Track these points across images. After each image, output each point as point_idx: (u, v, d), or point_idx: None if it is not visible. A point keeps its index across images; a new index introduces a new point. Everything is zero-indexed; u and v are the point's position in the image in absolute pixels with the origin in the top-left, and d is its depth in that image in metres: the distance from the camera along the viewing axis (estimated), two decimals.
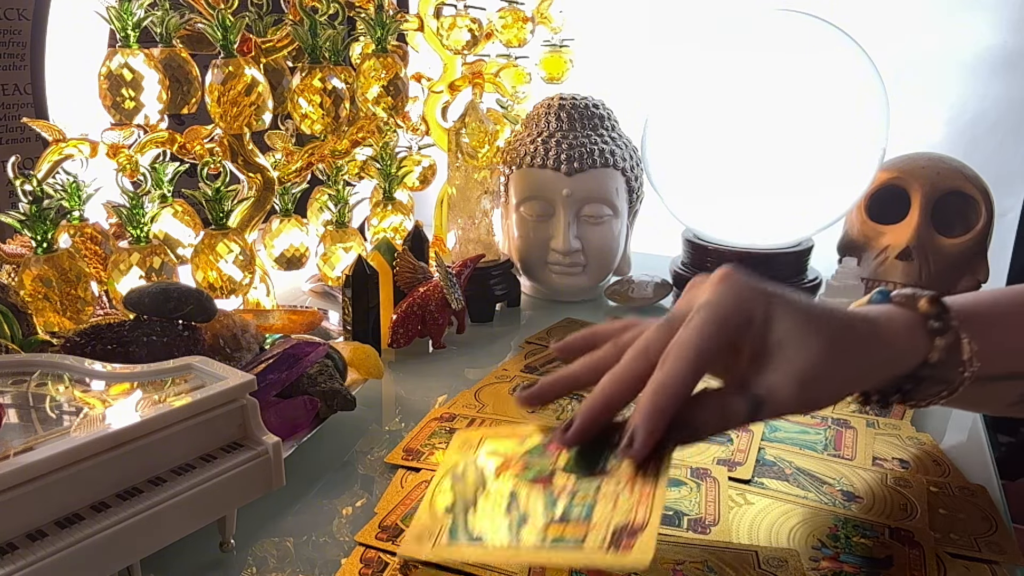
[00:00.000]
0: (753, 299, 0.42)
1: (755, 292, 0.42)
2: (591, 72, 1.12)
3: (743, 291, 0.42)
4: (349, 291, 0.73)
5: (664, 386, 0.39)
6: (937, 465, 0.56)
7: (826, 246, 0.93)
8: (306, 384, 0.59)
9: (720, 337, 0.40)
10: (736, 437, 0.59)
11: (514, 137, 0.92)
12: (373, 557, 0.45)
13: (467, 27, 0.93)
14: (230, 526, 0.45)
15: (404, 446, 0.57)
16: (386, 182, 0.95)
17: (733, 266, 0.43)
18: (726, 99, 0.82)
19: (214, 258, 0.71)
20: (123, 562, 0.38)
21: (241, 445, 0.44)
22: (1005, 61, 1.11)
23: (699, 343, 0.40)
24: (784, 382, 0.40)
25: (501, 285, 0.89)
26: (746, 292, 0.42)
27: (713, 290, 0.42)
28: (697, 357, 0.40)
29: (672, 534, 0.47)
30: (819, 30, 0.82)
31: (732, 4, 1.13)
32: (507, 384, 0.68)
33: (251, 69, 0.70)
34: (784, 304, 0.42)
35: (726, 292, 0.42)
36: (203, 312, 0.59)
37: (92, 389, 0.45)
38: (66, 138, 0.68)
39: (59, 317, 0.62)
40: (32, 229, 0.61)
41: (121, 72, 0.68)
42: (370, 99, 0.80)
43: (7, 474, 0.34)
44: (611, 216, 0.89)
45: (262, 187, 0.77)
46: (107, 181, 0.69)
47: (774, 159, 0.81)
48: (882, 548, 0.46)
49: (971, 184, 0.86)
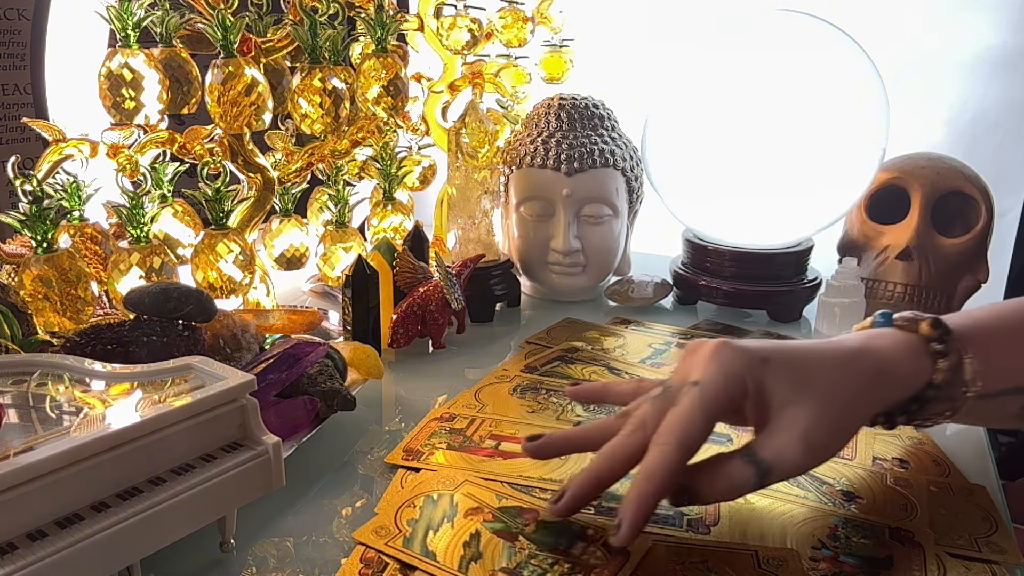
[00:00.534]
0: (743, 372, 0.43)
1: (746, 363, 0.43)
2: (591, 72, 1.12)
3: (733, 366, 0.43)
4: (349, 291, 0.73)
5: (651, 474, 0.41)
6: (937, 465, 0.56)
7: (826, 246, 0.93)
8: (306, 384, 0.59)
9: (711, 416, 0.42)
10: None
11: (514, 137, 0.92)
12: (373, 557, 0.45)
13: (467, 27, 0.93)
14: (230, 526, 0.45)
15: (404, 446, 0.57)
16: (386, 182, 0.95)
17: (725, 340, 0.44)
18: (726, 99, 0.82)
19: (214, 258, 0.71)
20: (123, 562, 0.38)
21: (241, 445, 0.44)
22: (1005, 61, 1.11)
23: (689, 426, 0.41)
24: (789, 443, 0.41)
25: (501, 285, 0.89)
26: (736, 366, 0.43)
27: (703, 368, 0.43)
28: (682, 443, 0.41)
29: (672, 534, 0.47)
30: (819, 30, 0.82)
31: (732, 4, 1.13)
32: (507, 384, 0.68)
33: (251, 69, 0.70)
34: (777, 368, 0.43)
35: (716, 371, 0.43)
36: (203, 312, 0.59)
37: (92, 389, 0.45)
38: (66, 138, 0.68)
39: (59, 317, 0.62)
40: (32, 229, 0.61)
41: (121, 72, 0.68)
42: (370, 99, 0.80)
43: (7, 474, 0.34)
44: (611, 216, 0.89)
45: (262, 187, 0.77)
46: (107, 181, 0.69)
47: (774, 159, 0.81)
48: (882, 548, 0.46)
49: (971, 184, 0.86)
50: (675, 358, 0.74)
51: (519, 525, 0.47)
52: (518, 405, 0.64)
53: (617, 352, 0.76)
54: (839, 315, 0.82)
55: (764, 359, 0.43)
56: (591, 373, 0.71)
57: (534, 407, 0.64)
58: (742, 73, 0.82)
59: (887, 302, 0.86)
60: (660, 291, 0.91)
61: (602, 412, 0.63)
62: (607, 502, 0.50)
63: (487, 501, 0.50)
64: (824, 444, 0.43)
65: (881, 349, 0.46)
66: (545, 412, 0.63)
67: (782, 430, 0.42)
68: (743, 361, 0.43)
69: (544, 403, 0.65)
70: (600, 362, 0.73)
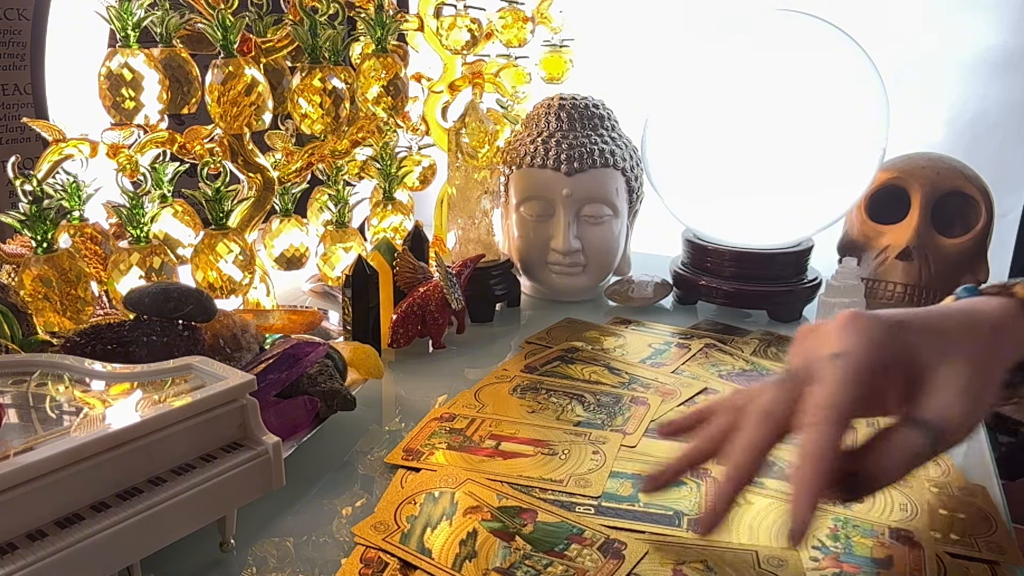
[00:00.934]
0: (886, 338, 0.40)
1: (886, 329, 0.41)
2: (591, 72, 1.12)
3: (874, 333, 0.40)
4: (349, 291, 0.73)
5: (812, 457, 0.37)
6: (937, 465, 0.56)
7: (826, 246, 0.93)
8: (306, 384, 0.59)
9: (863, 387, 0.39)
10: None
11: (514, 137, 0.92)
12: (373, 557, 0.45)
13: (467, 27, 0.93)
14: (230, 526, 0.45)
15: (404, 446, 0.57)
16: (386, 182, 0.95)
17: (855, 311, 0.42)
18: (726, 99, 0.82)
19: (214, 258, 0.71)
20: (123, 562, 0.38)
21: (241, 445, 0.44)
22: (1005, 61, 1.11)
23: (842, 399, 0.38)
24: (952, 400, 0.39)
25: (501, 285, 0.89)
26: (877, 333, 0.40)
27: (841, 340, 0.40)
28: (841, 415, 0.38)
29: (672, 534, 0.47)
30: (819, 30, 0.82)
31: (732, 4, 1.13)
32: (507, 384, 0.68)
33: (251, 69, 0.70)
34: (916, 331, 0.41)
35: (858, 338, 0.40)
36: (203, 312, 0.59)
37: (92, 389, 0.45)
38: (66, 138, 0.68)
39: (59, 317, 0.62)
40: (32, 229, 0.61)
41: (121, 72, 0.68)
42: (370, 99, 0.80)
43: (7, 474, 0.34)
44: (611, 216, 0.89)
45: (262, 187, 0.77)
46: (107, 181, 0.69)
47: (774, 159, 0.81)
48: (882, 548, 0.46)
49: (971, 184, 0.86)
50: (675, 358, 0.74)
51: (517, 525, 0.47)
52: (518, 405, 0.64)
53: (617, 352, 0.76)
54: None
55: (901, 323, 0.41)
56: (591, 373, 0.71)
57: (534, 407, 0.64)
58: (742, 73, 0.82)
59: (887, 302, 0.86)
60: (660, 291, 0.91)
61: (602, 413, 0.63)
62: (606, 502, 0.50)
63: (487, 500, 0.50)
64: (980, 398, 0.40)
65: (989, 311, 0.44)
66: (545, 412, 0.63)
67: (939, 390, 0.40)
68: (883, 328, 0.41)
69: (544, 403, 0.65)
70: (600, 362, 0.73)
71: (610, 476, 0.53)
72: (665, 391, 0.67)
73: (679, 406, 0.64)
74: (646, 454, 0.56)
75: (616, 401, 0.65)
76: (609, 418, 0.62)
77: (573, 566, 0.44)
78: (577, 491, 0.51)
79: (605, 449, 0.57)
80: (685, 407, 0.64)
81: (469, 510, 0.49)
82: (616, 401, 0.65)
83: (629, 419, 0.62)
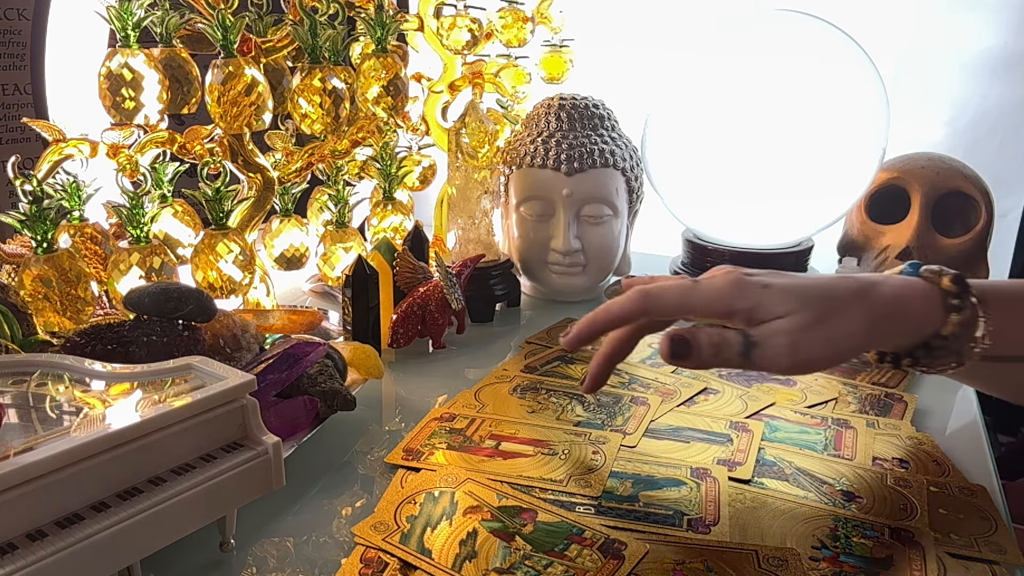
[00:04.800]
0: (740, 290, 0.48)
1: (744, 284, 0.48)
2: (591, 72, 1.12)
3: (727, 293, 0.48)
4: (349, 291, 0.73)
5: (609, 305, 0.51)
6: (937, 465, 0.56)
7: (826, 246, 0.93)
8: (306, 384, 0.59)
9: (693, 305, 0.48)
10: (736, 437, 0.59)
11: (514, 137, 0.92)
12: (373, 557, 0.45)
13: (467, 27, 0.93)
14: (230, 526, 0.45)
15: (404, 446, 0.57)
16: (386, 182, 0.95)
17: (733, 269, 0.50)
18: (726, 99, 0.82)
19: (214, 258, 0.71)
20: (123, 562, 0.38)
21: (241, 445, 0.44)
22: (1006, 62, 1.11)
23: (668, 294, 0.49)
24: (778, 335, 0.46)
25: (501, 285, 0.89)
26: (735, 285, 0.48)
27: (710, 276, 0.50)
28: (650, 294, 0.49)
29: (672, 534, 0.47)
30: (819, 31, 0.82)
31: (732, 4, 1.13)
32: (507, 384, 0.68)
33: (251, 69, 0.70)
34: (775, 290, 0.48)
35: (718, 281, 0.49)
36: (203, 312, 0.59)
37: (92, 389, 0.45)
38: (66, 138, 0.68)
39: (59, 317, 0.62)
40: (32, 229, 0.61)
41: (121, 72, 0.68)
42: (370, 99, 0.80)
43: (7, 474, 0.34)
44: (611, 216, 0.89)
45: (262, 187, 0.77)
46: (107, 181, 0.69)
47: (774, 159, 0.81)
48: (882, 548, 0.46)
49: (971, 184, 0.86)
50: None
51: (517, 525, 0.47)
52: (518, 405, 0.64)
53: None
54: None
55: (765, 284, 0.48)
56: None
57: (534, 407, 0.64)
58: (742, 73, 0.82)
59: None
60: None
61: (602, 413, 0.63)
62: (607, 502, 0.50)
63: (487, 500, 0.50)
64: (810, 352, 0.46)
65: (896, 289, 0.50)
66: (545, 412, 0.63)
67: (774, 327, 0.47)
68: (744, 284, 0.48)
69: (544, 403, 0.65)
70: None
71: (610, 476, 0.53)
72: (665, 391, 0.67)
73: (679, 406, 0.64)
74: (646, 454, 0.56)
75: (616, 401, 0.65)
76: (609, 418, 0.62)
77: (573, 566, 0.44)
78: (577, 491, 0.51)
79: (605, 449, 0.57)
80: (685, 406, 0.64)
81: (469, 510, 0.49)
82: (616, 401, 0.65)
83: (629, 419, 0.62)
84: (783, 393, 0.67)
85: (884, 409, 0.64)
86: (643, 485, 0.52)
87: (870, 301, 0.48)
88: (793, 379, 0.69)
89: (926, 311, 0.49)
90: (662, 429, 0.60)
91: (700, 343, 0.46)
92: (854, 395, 0.67)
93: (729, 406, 0.64)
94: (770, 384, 0.68)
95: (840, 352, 0.48)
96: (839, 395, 0.66)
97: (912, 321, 0.49)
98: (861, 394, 0.67)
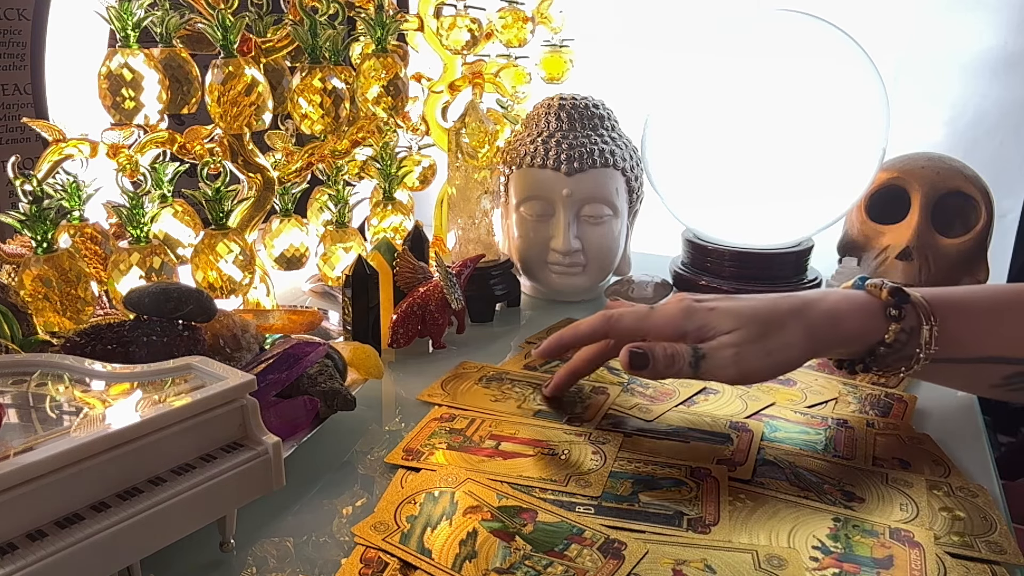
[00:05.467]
0: (688, 315, 0.55)
1: (693, 311, 0.55)
2: (591, 72, 1.12)
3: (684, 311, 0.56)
4: (349, 291, 0.73)
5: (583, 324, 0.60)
6: (937, 465, 0.56)
7: (826, 246, 0.93)
8: (306, 384, 0.59)
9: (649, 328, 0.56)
10: (736, 437, 0.59)
11: (514, 137, 0.92)
12: (373, 557, 0.45)
13: (467, 27, 0.93)
14: (230, 526, 0.45)
15: (404, 446, 0.57)
16: (386, 182, 0.95)
17: (683, 297, 0.57)
18: (726, 99, 0.82)
19: (214, 258, 0.71)
20: (123, 562, 0.38)
21: (241, 445, 0.44)
22: (1006, 62, 1.11)
23: (627, 319, 0.57)
24: (722, 348, 0.53)
25: (501, 285, 0.89)
26: (685, 314, 0.55)
27: (665, 305, 0.57)
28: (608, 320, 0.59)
29: (672, 534, 0.47)
30: (819, 30, 0.82)
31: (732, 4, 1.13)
32: (475, 374, 0.69)
33: (251, 69, 0.70)
34: (719, 313, 0.54)
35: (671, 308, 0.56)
36: (203, 312, 0.59)
37: (92, 389, 0.45)
38: (66, 138, 0.68)
39: (59, 317, 0.62)
40: (32, 229, 0.61)
41: (121, 72, 0.68)
42: (370, 99, 0.80)
43: (7, 474, 0.34)
44: (611, 216, 0.89)
45: (262, 187, 0.77)
46: (107, 181, 0.69)
47: (774, 159, 0.81)
48: (882, 548, 0.46)
49: (971, 184, 0.86)
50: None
51: (517, 525, 0.47)
52: (483, 394, 0.66)
53: None
54: None
55: (711, 308, 0.55)
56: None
57: (497, 396, 0.65)
58: (742, 73, 0.82)
59: None
60: (660, 291, 0.91)
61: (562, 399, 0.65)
62: (607, 502, 0.50)
63: (487, 500, 0.50)
64: (751, 363, 0.53)
65: (836, 304, 0.55)
66: (508, 401, 0.65)
67: (720, 341, 0.54)
68: (692, 310, 0.55)
69: (508, 392, 0.66)
70: None
71: (610, 476, 0.53)
72: (664, 391, 0.67)
73: (678, 406, 0.64)
74: (646, 454, 0.56)
75: (577, 391, 0.66)
76: (569, 407, 0.63)
77: (573, 566, 0.44)
78: (577, 491, 0.51)
79: (605, 449, 0.57)
80: (685, 406, 0.64)
81: (469, 510, 0.49)
82: (577, 391, 0.66)
83: (588, 407, 0.62)
84: (783, 393, 0.67)
85: (884, 409, 0.64)
86: (643, 485, 0.52)
87: (806, 318, 0.54)
88: (793, 379, 0.69)
89: (866, 322, 0.54)
90: (662, 429, 0.60)
91: (656, 355, 0.53)
92: (854, 395, 0.67)
93: (729, 406, 0.64)
94: (770, 384, 0.68)
95: (779, 363, 0.54)
96: (839, 395, 0.66)
97: (851, 332, 0.54)
98: (861, 394, 0.67)
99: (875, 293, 0.56)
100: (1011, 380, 0.55)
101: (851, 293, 0.57)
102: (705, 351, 0.53)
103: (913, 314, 0.54)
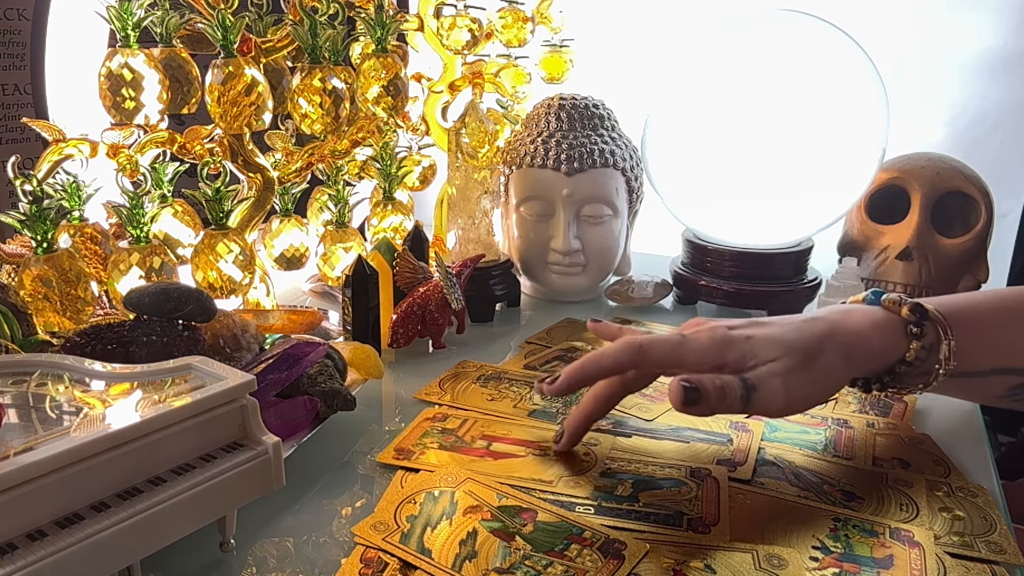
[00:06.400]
0: (722, 346, 0.50)
1: (729, 341, 0.50)
2: (591, 72, 1.12)
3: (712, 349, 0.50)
4: (349, 291, 0.73)
5: (603, 352, 0.52)
6: (937, 465, 0.56)
7: (826, 246, 0.93)
8: (306, 384, 0.59)
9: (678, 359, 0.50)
10: (736, 437, 0.59)
11: (514, 137, 0.92)
12: (373, 557, 0.45)
13: (467, 27, 0.93)
14: (230, 526, 0.45)
15: (395, 445, 0.57)
16: (386, 182, 0.95)
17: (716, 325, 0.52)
18: (726, 99, 0.82)
19: (214, 258, 0.71)
20: (123, 562, 0.38)
21: (241, 445, 0.44)
22: (1006, 62, 1.11)
23: (652, 344, 0.51)
24: (771, 375, 0.49)
25: (501, 285, 0.89)
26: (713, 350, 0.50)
27: (696, 332, 0.51)
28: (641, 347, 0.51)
29: (672, 534, 0.47)
30: (819, 30, 0.82)
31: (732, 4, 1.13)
32: (474, 372, 0.69)
33: (251, 69, 0.70)
34: (756, 340, 0.50)
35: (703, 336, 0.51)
36: (203, 312, 0.59)
37: (92, 389, 0.45)
38: (66, 138, 0.68)
39: (59, 317, 0.62)
40: (32, 229, 0.61)
41: (121, 72, 0.68)
42: (370, 99, 0.80)
43: (7, 474, 0.34)
44: (611, 216, 0.89)
45: (262, 187, 0.77)
46: (107, 181, 0.69)
47: (774, 159, 0.81)
48: (882, 548, 0.46)
49: (971, 184, 0.86)
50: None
51: (516, 525, 0.47)
52: (480, 393, 0.66)
53: None
54: None
55: (747, 336, 0.51)
56: None
57: (494, 395, 0.65)
58: (742, 73, 0.82)
59: None
60: (660, 291, 0.91)
61: (558, 401, 0.64)
62: (606, 502, 0.50)
63: (487, 500, 0.50)
64: (800, 392, 0.49)
65: (859, 322, 0.52)
66: (504, 400, 0.64)
67: (767, 369, 0.49)
68: (728, 340, 0.50)
69: (504, 392, 0.66)
70: None
71: (610, 476, 0.53)
72: (664, 391, 0.67)
73: None
74: (646, 454, 0.56)
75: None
76: (564, 406, 0.63)
77: (573, 566, 0.44)
78: (566, 491, 0.51)
79: (596, 451, 0.57)
80: None
81: (469, 510, 0.49)
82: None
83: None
84: None
85: (884, 409, 0.64)
86: (643, 485, 0.52)
87: (840, 339, 0.51)
88: None
89: (887, 339, 0.52)
90: (662, 429, 0.60)
91: (706, 389, 0.47)
92: (854, 395, 0.67)
93: None
94: None
95: (824, 390, 0.51)
96: (839, 395, 0.66)
97: (876, 349, 0.52)
98: (861, 394, 0.67)
99: (893, 309, 0.53)
100: (1016, 391, 0.54)
101: (869, 310, 0.54)
102: (754, 381, 0.48)
103: (932, 330, 0.52)
